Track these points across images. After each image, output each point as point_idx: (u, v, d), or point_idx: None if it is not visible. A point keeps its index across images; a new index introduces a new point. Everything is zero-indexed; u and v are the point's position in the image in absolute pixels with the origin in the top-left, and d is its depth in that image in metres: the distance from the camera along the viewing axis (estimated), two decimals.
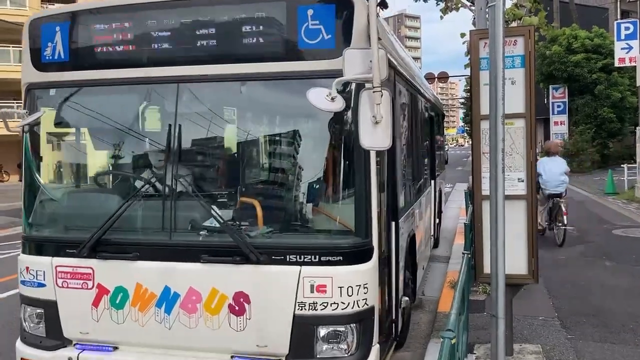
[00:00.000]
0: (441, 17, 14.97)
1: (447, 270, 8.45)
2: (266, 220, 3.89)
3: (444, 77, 33.69)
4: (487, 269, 4.63)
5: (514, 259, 4.62)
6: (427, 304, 7.09)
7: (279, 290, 3.72)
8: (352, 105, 3.66)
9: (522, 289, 5.30)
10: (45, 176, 4.51)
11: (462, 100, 65.01)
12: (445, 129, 19.62)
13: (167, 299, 3.88)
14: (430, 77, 27.97)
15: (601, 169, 26.40)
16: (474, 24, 10.82)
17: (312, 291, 3.68)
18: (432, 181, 9.10)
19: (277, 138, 4.22)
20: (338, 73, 3.43)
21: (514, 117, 4.66)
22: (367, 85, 3.41)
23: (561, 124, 29.38)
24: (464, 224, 7.23)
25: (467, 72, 13.14)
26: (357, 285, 3.71)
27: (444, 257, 9.56)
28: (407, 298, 5.23)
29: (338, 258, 3.70)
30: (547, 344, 5.53)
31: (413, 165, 6.42)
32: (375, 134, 3.38)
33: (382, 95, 3.35)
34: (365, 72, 3.40)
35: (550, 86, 29.16)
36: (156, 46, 4.00)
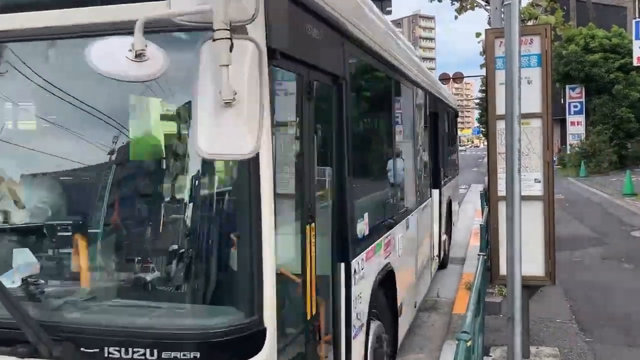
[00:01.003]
0: (456, 17, 14.83)
1: (462, 272, 8.39)
2: (85, 279, 2.43)
3: (459, 78, 33.53)
4: (503, 271, 4.59)
5: (531, 260, 4.58)
6: (442, 306, 7.04)
7: None
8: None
9: (539, 290, 5.25)
10: None
11: (478, 101, 64.61)
12: (460, 129, 19.45)
13: None
14: (445, 78, 27.86)
15: (619, 169, 26.06)
16: (489, 23, 10.75)
17: None
18: (436, 191, 7.64)
19: (102, 134, 2.52)
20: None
21: (530, 116, 4.62)
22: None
23: (578, 124, 29.12)
24: (480, 225, 7.17)
25: (483, 72, 13.05)
26: None
27: (459, 259, 9.50)
28: None
29: (193, 355, 2.13)
30: (565, 347, 5.46)
31: (395, 176, 5.01)
32: (222, 127, 1.89)
33: (231, 49, 1.83)
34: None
35: (567, 86, 28.91)
36: None
